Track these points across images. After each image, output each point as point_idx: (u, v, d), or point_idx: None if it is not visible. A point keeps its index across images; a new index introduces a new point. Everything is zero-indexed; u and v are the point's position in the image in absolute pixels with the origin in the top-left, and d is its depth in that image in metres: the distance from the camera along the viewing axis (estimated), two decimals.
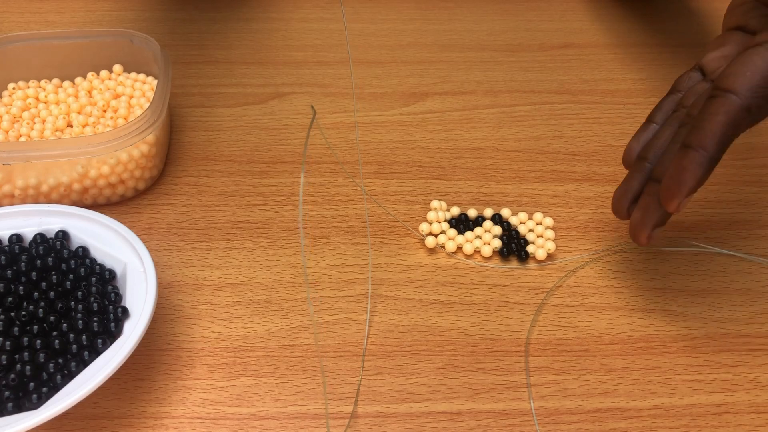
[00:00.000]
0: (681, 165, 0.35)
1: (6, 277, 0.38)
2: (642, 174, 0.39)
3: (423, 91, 0.56)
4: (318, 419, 0.37)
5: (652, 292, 0.43)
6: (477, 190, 0.49)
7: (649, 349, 0.41)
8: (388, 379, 0.39)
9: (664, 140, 0.39)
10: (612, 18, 0.64)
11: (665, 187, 0.36)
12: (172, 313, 0.41)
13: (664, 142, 0.39)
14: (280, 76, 0.57)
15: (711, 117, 0.35)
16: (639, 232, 0.38)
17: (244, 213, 0.47)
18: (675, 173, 0.35)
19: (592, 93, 0.56)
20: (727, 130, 0.34)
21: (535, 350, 0.40)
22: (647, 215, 0.37)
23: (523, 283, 0.44)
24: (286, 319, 0.41)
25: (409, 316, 0.42)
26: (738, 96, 0.34)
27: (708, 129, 0.34)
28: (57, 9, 0.62)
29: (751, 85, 0.34)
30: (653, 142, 0.39)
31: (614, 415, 0.38)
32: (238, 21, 0.62)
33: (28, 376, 0.35)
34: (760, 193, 0.49)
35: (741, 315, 0.42)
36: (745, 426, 0.38)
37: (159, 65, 0.48)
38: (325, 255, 0.45)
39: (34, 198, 0.45)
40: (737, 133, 0.35)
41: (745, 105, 0.34)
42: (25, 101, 0.49)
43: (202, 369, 0.39)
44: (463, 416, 0.38)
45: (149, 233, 0.45)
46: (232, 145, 0.51)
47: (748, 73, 0.34)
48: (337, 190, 0.48)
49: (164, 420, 0.37)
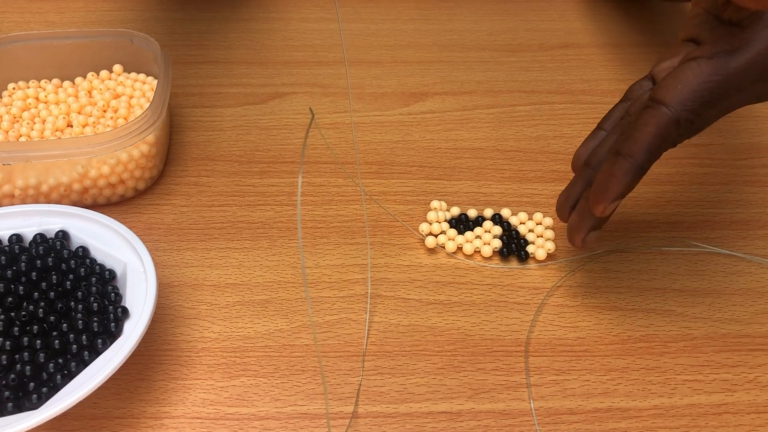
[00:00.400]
0: (609, 171, 0.36)
1: (6, 277, 0.38)
2: (584, 180, 0.40)
3: (423, 91, 0.56)
4: (318, 419, 0.37)
5: (652, 292, 0.43)
6: (477, 190, 0.49)
7: (649, 349, 0.41)
8: (388, 379, 0.39)
9: (607, 147, 0.40)
10: (612, 18, 0.64)
11: (593, 192, 0.37)
12: (172, 313, 0.41)
13: (607, 149, 0.40)
14: (280, 76, 0.57)
15: (641, 127, 0.35)
16: (575, 234, 0.39)
17: (244, 213, 0.47)
18: (603, 179, 0.36)
19: (592, 93, 0.56)
20: (656, 141, 0.35)
21: (535, 350, 0.40)
22: (583, 219, 0.38)
23: (523, 283, 0.44)
24: (286, 319, 0.41)
25: (409, 316, 0.42)
26: (668, 108, 0.35)
27: (637, 138, 0.35)
28: (57, 9, 0.62)
29: (681, 99, 0.35)
30: (598, 149, 0.40)
31: (614, 415, 0.38)
32: (238, 21, 0.62)
33: (28, 376, 0.35)
34: (760, 193, 0.49)
35: (741, 315, 0.42)
36: (745, 426, 0.38)
37: (159, 65, 0.48)
38: (325, 255, 0.45)
39: (34, 198, 0.45)
40: (666, 144, 0.36)
41: (674, 117, 0.35)
42: (25, 101, 0.49)
43: (202, 369, 0.39)
44: (463, 416, 0.38)
45: (149, 233, 0.45)
46: (232, 145, 0.51)
47: (679, 86, 0.35)
48: (337, 190, 0.48)
49: (164, 420, 0.37)
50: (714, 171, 0.50)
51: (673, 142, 0.36)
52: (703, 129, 0.37)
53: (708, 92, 0.35)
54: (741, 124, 0.53)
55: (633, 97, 0.41)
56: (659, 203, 0.48)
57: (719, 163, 0.51)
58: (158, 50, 0.49)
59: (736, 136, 0.53)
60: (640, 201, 0.48)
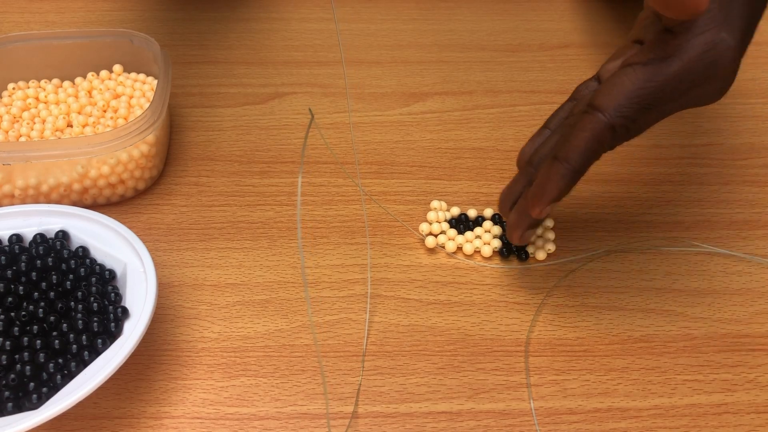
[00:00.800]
0: (546, 175, 0.37)
1: (6, 277, 0.38)
2: (526, 178, 0.41)
3: (423, 91, 0.56)
4: (318, 419, 0.37)
5: (652, 292, 0.43)
6: (477, 190, 0.49)
7: (649, 349, 0.41)
8: (388, 379, 0.39)
9: (550, 147, 0.40)
10: (612, 18, 0.64)
11: (530, 194, 0.38)
12: (172, 313, 0.41)
13: (550, 148, 0.40)
14: (280, 76, 0.57)
15: (577, 132, 0.36)
16: (513, 231, 0.40)
17: (244, 213, 0.47)
18: (540, 183, 0.37)
19: None
20: (591, 146, 0.36)
21: (535, 350, 0.40)
22: (521, 218, 0.40)
23: (523, 283, 0.44)
24: (286, 319, 0.41)
25: (409, 316, 0.42)
26: (604, 115, 0.35)
27: (573, 144, 0.36)
28: (57, 9, 0.62)
29: (616, 105, 0.35)
30: (541, 148, 0.41)
31: (614, 415, 0.38)
32: (238, 21, 0.62)
33: (28, 376, 0.35)
34: (760, 193, 0.49)
35: (741, 315, 0.42)
36: (745, 426, 0.38)
37: (159, 65, 0.48)
38: (325, 255, 0.45)
39: (34, 198, 0.45)
40: (602, 148, 0.36)
41: (609, 123, 0.35)
42: (25, 101, 0.49)
43: (202, 369, 0.39)
44: (463, 416, 0.38)
45: (149, 233, 0.45)
46: (232, 145, 0.51)
47: (615, 93, 0.35)
48: (336, 190, 0.48)
49: (164, 420, 0.37)
50: (714, 171, 0.50)
51: (609, 146, 0.36)
52: (641, 133, 0.37)
53: (643, 98, 0.35)
54: (741, 124, 0.53)
55: (579, 97, 0.41)
56: (659, 203, 0.48)
57: (719, 163, 0.51)
58: (158, 50, 0.49)
59: (736, 136, 0.53)
60: (640, 201, 0.48)
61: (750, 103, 0.55)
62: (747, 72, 0.57)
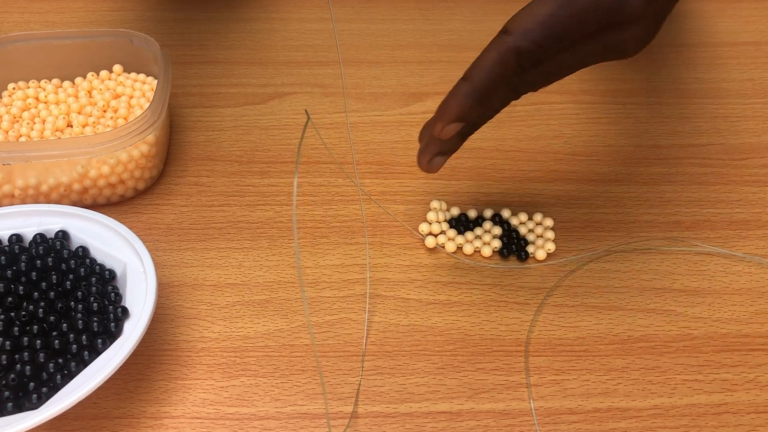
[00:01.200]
0: (451, 93, 0.37)
1: (6, 277, 0.38)
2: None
3: (423, 91, 0.56)
4: (318, 419, 0.37)
5: (652, 292, 0.43)
6: (477, 190, 0.49)
7: (649, 349, 0.41)
8: (388, 379, 0.39)
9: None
10: None
11: (435, 113, 0.38)
12: (172, 313, 0.41)
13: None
14: (280, 76, 0.57)
15: (484, 53, 0.36)
16: (421, 157, 0.40)
17: (244, 213, 0.47)
18: (444, 100, 0.37)
19: (592, 93, 0.56)
20: (495, 67, 0.36)
21: (535, 350, 0.40)
22: (430, 143, 0.40)
23: (523, 283, 0.44)
24: (286, 319, 0.41)
25: (409, 316, 0.42)
26: (511, 36, 0.35)
27: (478, 64, 0.36)
28: (57, 9, 0.62)
29: (524, 29, 0.35)
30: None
31: (614, 415, 0.38)
32: (238, 21, 0.62)
33: (28, 376, 0.35)
34: (760, 193, 0.49)
35: (741, 315, 0.42)
36: (745, 426, 0.38)
37: (159, 65, 0.47)
38: (324, 255, 0.45)
39: (34, 198, 0.45)
40: (507, 72, 0.36)
41: (514, 46, 0.35)
42: (25, 101, 0.49)
43: (202, 369, 0.39)
44: (463, 416, 0.38)
45: (149, 233, 0.45)
46: (232, 145, 0.51)
47: (524, 17, 0.35)
48: (336, 190, 0.48)
49: (164, 420, 0.37)
50: (714, 171, 0.50)
51: (514, 72, 0.36)
52: (555, 72, 0.37)
53: (552, 27, 0.35)
54: (741, 124, 0.53)
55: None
56: (659, 203, 0.48)
57: (719, 163, 0.51)
58: (158, 50, 0.49)
59: (736, 136, 0.53)
60: (640, 201, 0.48)
61: (750, 103, 0.55)
62: (747, 72, 0.57)
